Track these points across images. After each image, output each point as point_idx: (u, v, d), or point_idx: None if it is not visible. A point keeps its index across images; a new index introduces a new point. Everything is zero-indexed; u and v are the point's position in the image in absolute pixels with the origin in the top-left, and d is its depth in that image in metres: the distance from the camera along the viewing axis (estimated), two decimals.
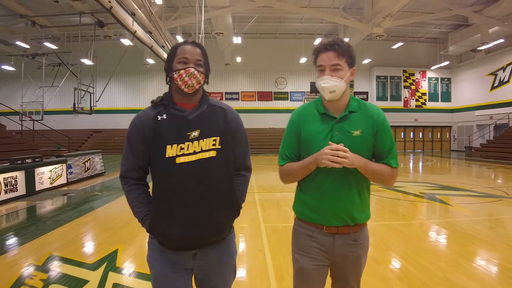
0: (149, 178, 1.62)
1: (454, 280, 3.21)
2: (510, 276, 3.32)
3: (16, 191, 7.73)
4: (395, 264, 3.71)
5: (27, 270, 3.52)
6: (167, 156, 1.47)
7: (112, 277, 3.28)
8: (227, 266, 1.63)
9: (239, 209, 1.66)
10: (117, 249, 4.09)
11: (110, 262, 3.65)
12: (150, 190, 1.63)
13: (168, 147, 1.47)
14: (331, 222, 1.62)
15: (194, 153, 1.49)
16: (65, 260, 3.79)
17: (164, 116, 1.52)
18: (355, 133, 1.60)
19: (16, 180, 7.73)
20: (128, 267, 3.57)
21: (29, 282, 3.20)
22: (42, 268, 3.57)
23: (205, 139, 1.51)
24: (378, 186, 7.84)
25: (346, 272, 1.70)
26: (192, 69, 1.51)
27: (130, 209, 1.59)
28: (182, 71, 1.50)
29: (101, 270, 3.46)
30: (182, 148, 1.48)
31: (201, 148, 1.50)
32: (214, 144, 1.52)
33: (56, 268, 3.58)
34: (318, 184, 1.62)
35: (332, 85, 1.56)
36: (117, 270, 3.48)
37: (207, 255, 1.56)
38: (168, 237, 1.50)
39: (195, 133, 1.50)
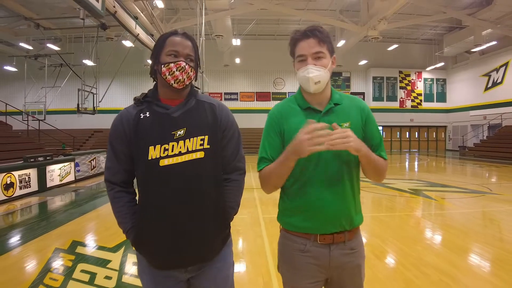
0: None
1: (426, 259, 3.74)
2: (475, 257, 3.88)
3: (30, 187, 8.23)
4: (376, 246, 4.21)
5: (55, 252, 4.02)
6: (149, 158, 1.34)
7: (132, 258, 3.79)
8: (222, 278, 1.50)
9: (228, 220, 1.51)
10: None
11: (128, 246, 4.15)
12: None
13: (151, 148, 1.34)
14: (327, 228, 1.43)
15: (180, 154, 1.35)
16: (87, 245, 4.32)
17: (147, 114, 1.40)
18: (344, 125, 1.43)
19: (29, 177, 8.23)
20: None
21: (60, 262, 3.71)
22: (68, 251, 4.08)
23: (191, 139, 1.37)
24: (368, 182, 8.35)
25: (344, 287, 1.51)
26: (183, 63, 1.38)
27: None
28: (171, 64, 1.37)
29: (121, 252, 3.98)
30: (166, 149, 1.34)
31: (187, 149, 1.36)
32: (201, 144, 1.39)
33: (80, 251, 4.10)
34: (307, 182, 1.43)
35: (317, 75, 1.41)
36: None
37: (200, 269, 1.44)
38: (152, 256, 1.40)
39: (181, 132, 1.37)
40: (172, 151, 1.35)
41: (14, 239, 4.71)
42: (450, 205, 6.87)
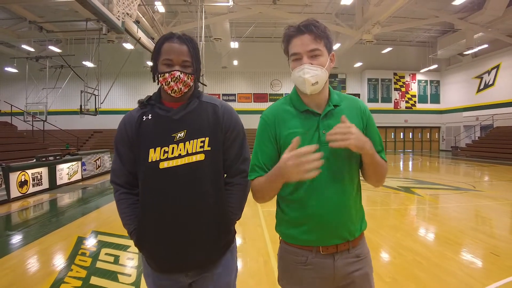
0: None
1: (404, 244, 4.31)
2: (446, 242, 4.44)
3: (41, 185, 8.74)
4: None
5: (79, 240, 4.56)
6: (149, 160, 1.35)
7: None
8: (223, 284, 1.46)
9: (229, 225, 1.46)
10: None
11: None
12: None
13: (151, 150, 1.35)
14: (329, 241, 1.32)
15: (180, 156, 1.34)
16: (106, 234, 4.86)
17: (149, 117, 1.40)
18: None
19: (41, 175, 8.73)
20: None
21: (85, 247, 4.25)
22: (90, 238, 4.61)
23: (191, 141, 1.36)
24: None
25: None
26: (178, 73, 1.35)
27: None
28: (166, 75, 1.35)
29: None
30: (166, 152, 1.34)
31: (187, 151, 1.35)
32: (202, 146, 1.37)
33: (101, 238, 4.65)
34: (306, 193, 1.31)
35: (314, 75, 1.28)
36: None
37: (200, 274, 1.42)
38: (153, 259, 1.40)
39: (181, 134, 1.36)
40: (172, 153, 1.34)
41: (38, 230, 5.20)
42: (433, 200, 7.46)
